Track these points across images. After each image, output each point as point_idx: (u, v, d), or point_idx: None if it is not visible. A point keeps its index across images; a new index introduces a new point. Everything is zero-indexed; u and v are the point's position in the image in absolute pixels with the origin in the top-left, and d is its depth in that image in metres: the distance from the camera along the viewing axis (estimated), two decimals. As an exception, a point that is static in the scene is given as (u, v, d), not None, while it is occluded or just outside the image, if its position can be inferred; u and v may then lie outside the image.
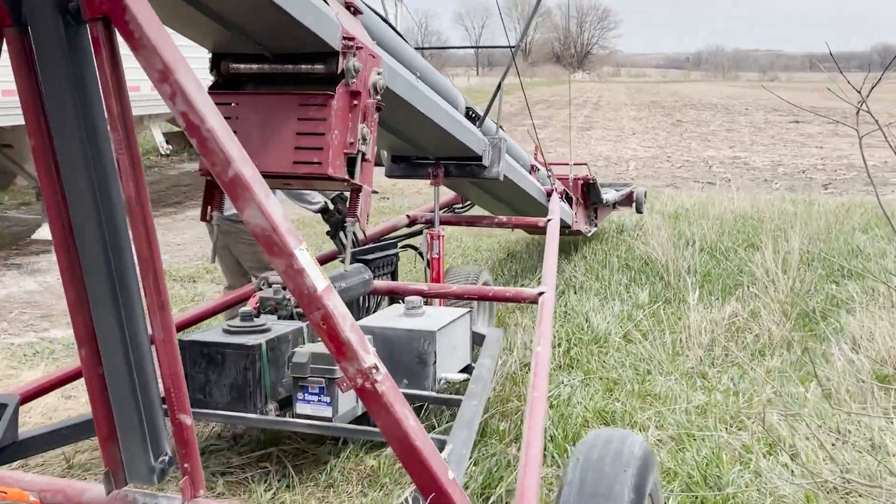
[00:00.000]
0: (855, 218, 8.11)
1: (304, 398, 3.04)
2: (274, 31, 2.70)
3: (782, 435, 3.35)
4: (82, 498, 2.35)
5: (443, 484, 2.00)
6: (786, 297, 5.33)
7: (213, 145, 1.96)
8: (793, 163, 14.98)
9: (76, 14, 1.96)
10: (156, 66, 1.93)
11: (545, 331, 3.29)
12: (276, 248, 2.00)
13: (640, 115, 28.08)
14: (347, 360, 2.03)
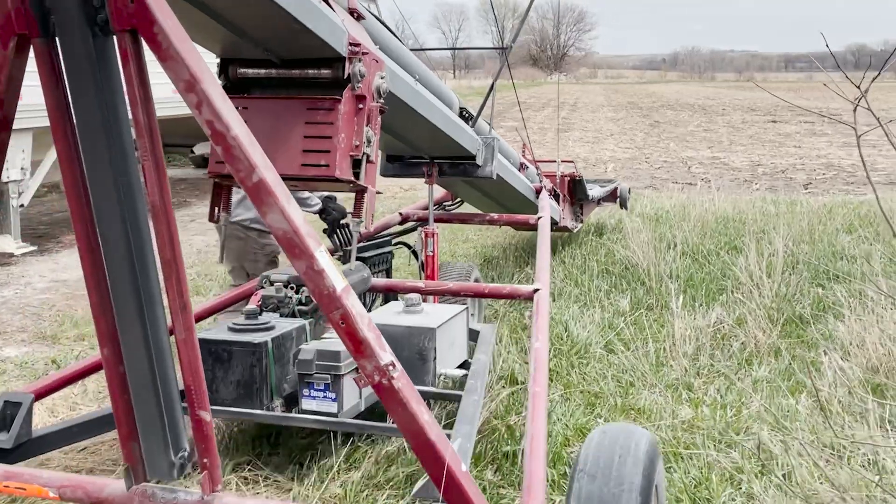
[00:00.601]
0: (838, 219, 7.98)
1: (310, 394, 3.10)
2: (285, 39, 2.79)
3: (774, 452, 3.15)
4: (102, 493, 2.39)
5: (456, 475, 2.09)
6: (771, 301, 5.16)
7: (237, 152, 2.05)
8: (772, 163, 14.91)
9: (104, 26, 2.02)
10: (183, 76, 2.01)
11: (542, 326, 3.37)
12: (297, 250, 2.08)
13: (618, 117, 28.02)
14: (365, 357, 2.10)
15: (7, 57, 2.09)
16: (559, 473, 3.15)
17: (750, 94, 44.62)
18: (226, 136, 2.05)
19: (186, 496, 2.27)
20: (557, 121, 18.18)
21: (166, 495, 2.29)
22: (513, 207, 5.76)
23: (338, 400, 3.08)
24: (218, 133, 2.05)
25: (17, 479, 2.48)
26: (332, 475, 3.16)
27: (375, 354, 2.10)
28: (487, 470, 3.20)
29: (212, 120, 2.04)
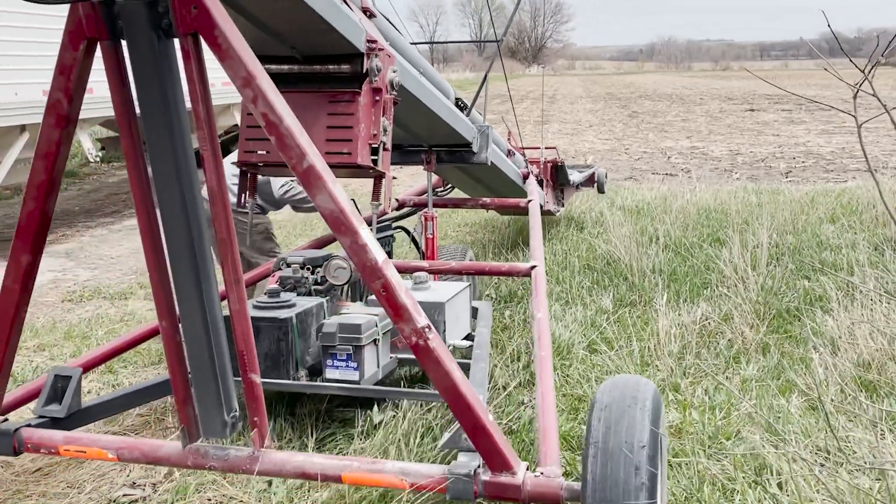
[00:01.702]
0: (820, 208, 7.87)
1: (333, 364, 3.39)
2: (311, 37, 3.00)
3: (768, 460, 3.00)
4: (158, 453, 2.64)
5: (486, 424, 2.34)
6: (757, 296, 5.02)
7: (289, 141, 2.28)
8: (751, 151, 14.82)
9: (167, 30, 2.25)
10: (240, 73, 2.26)
11: (541, 300, 3.68)
12: (342, 227, 2.32)
13: (596, 108, 27.92)
14: (404, 321, 2.34)
15: (77, 58, 2.33)
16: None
17: (727, 83, 44.73)
18: (279, 127, 2.28)
19: (237, 453, 2.54)
20: (542, 107, 18.04)
21: (218, 453, 2.55)
22: (502, 192, 6.14)
23: (359, 369, 3.37)
24: (272, 123, 2.28)
25: (77, 444, 2.72)
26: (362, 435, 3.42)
27: (413, 318, 2.33)
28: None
29: (266, 112, 2.27)
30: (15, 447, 2.73)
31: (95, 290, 6.22)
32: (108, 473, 3.27)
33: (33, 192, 2.50)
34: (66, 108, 2.40)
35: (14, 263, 2.55)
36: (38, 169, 2.47)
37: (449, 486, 2.37)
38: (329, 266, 3.75)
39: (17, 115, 7.32)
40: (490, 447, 2.36)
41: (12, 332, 2.64)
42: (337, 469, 2.52)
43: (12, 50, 7.35)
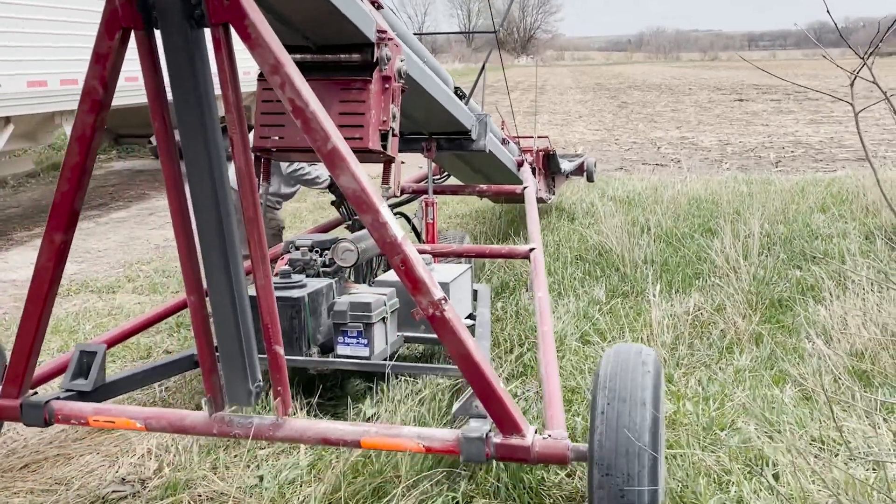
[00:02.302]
0: (811, 198, 7.87)
1: (345, 341, 3.59)
2: (326, 27, 3.15)
3: (763, 452, 2.98)
4: (184, 422, 2.78)
5: (497, 390, 2.50)
6: (749, 286, 5.00)
7: (315, 125, 2.43)
8: (740, 141, 14.83)
9: (199, 20, 2.39)
10: (269, 60, 2.40)
11: (541, 280, 3.87)
12: (364, 206, 2.48)
13: (586, 98, 27.89)
14: (421, 293, 2.49)
15: (112, 47, 2.44)
16: (537, 479, 2.96)
17: (715, 73, 44.76)
18: (304, 111, 2.42)
19: (261, 421, 2.67)
20: (535, 95, 18.05)
21: (242, 420, 2.69)
22: (498, 180, 6.26)
23: (369, 345, 3.56)
24: (298, 108, 2.42)
25: (106, 414, 2.86)
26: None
27: (430, 291, 2.48)
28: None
29: (293, 97, 2.42)
30: (46, 418, 2.86)
31: (83, 284, 6.15)
32: (96, 470, 3.23)
33: (67, 173, 2.62)
34: (100, 95, 2.51)
35: (48, 242, 2.68)
36: (72, 151, 2.59)
37: (462, 448, 2.51)
38: (337, 249, 3.85)
39: (2, 106, 7.22)
40: (501, 411, 2.51)
41: (45, 309, 2.77)
42: (356, 435, 2.63)
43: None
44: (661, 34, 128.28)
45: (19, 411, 2.88)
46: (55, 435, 3.53)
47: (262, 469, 3.11)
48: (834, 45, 3.02)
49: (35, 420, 2.87)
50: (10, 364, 2.87)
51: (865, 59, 1.88)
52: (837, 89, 25.53)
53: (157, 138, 2.52)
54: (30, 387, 2.94)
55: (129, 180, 11.60)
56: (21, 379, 2.89)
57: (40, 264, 2.73)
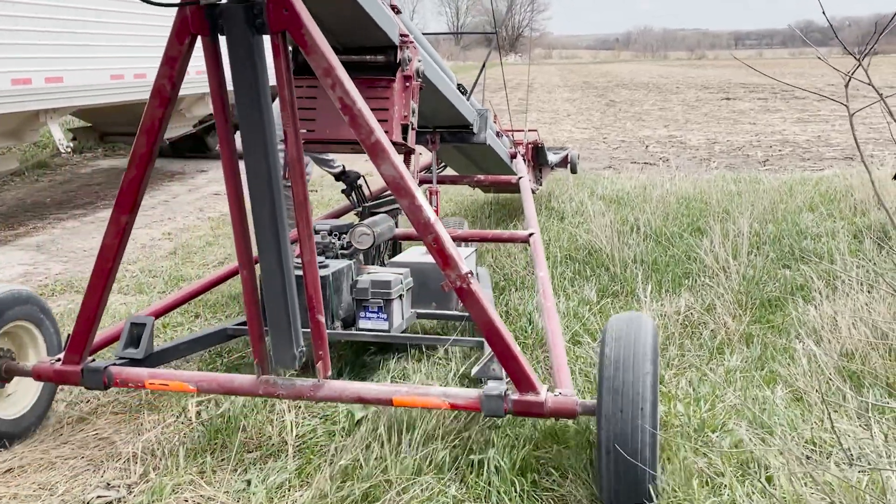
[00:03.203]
0: (799, 197, 7.88)
1: (366, 315, 3.92)
2: (355, 31, 3.48)
3: (755, 454, 2.96)
4: (233, 384, 3.09)
5: (515, 352, 2.82)
6: (739, 285, 4.99)
7: (361, 120, 2.74)
8: (728, 140, 14.86)
9: (261, 27, 2.70)
10: (322, 64, 2.71)
11: (541, 261, 4.26)
12: (402, 191, 2.79)
13: (574, 97, 27.90)
14: (451, 268, 2.82)
15: (182, 51, 2.76)
16: (528, 482, 2.93)
17: (702, 71, 44.89)
18: (352, 108, 2.73)
19: (303, 383, 2.98)
20: (527, 89, 18.03)
21: (286, 383, 3.00)
22: (492, 170, 6.66)
23: (388, 319, 3.89)
24: (347, 106, 2.74)
25: (161, 378, 3.14)
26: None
27: (458, 266, 2.80)
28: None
29: (342, 96, 2.73)
30: (105, 382, 3.16)
31: (68, 284, 6.07)
32: (81, 474, 3.18)
33: (135, 161, 2.94)
34: (168, 93, 2.83)
35: (114, 222, 3.02)
36: (140, 142, 2.91)
37: (483, 404, 2.80)
38: (354, 233, 4.16)
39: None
40: (519, 371, 2.82)
41: (107, 283, 3.10)
42: (388, 394, 2.92)
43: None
44: (648, 33, 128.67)
45: (80, 376, 3.18)
46: (38, 439, 3.47)
47: (250, 473, 3.08)
48: (819, 43, 3.03)
49: (95, 384, 3.17)
50: (73, 333, 3.18)
51: (860, 60, 1.86)
52: (824, 88, 25.65)
53: (217, 131, 2.85)
54: (88, 353, 3.23)
55: (115, 179, 11.48)
56: (83, 347, 3.19)
57: (106, 242, 3.05)
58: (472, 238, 4.96)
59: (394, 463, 2.96)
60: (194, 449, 3.28)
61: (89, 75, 8.27)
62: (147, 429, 3.51)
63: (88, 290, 3.11)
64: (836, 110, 19.68)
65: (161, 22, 9.55)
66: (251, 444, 3.33)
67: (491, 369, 3.03)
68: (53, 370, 3.25)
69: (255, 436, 3.39)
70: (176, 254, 6.93)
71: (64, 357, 3.24)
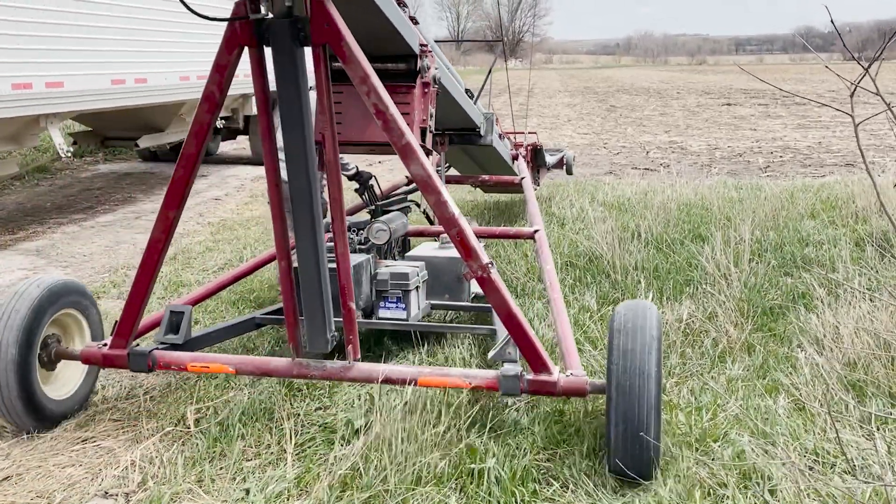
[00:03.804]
0: (801, 204, 7.86)
1: (385, 305, 4.20)
2: (382, 42, 3.75)
3: (757, 465, 2.94)
4: (269, 367, 3.36)
5: (531, 336, 3.12)
6: (741, 293, 4.97)
7: (393, 124, 3.01)
8: (729, 146, 14.85)
9: (303, 40, 2.96)
10: (359, 73, 2.98)
11: (547, 255, 4.57)
12: (429, 188, 3.06)
13: (574, 102, 27.89)
14: (473, 259, 3.08)
15: (230, 60, 3.05)
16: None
17: (703, 77, 44.90)
18: (385, 113, 3.00)
19: (334, 365, 3.26)
20: (527, 92, 18.06)
21: (318, 364, 3.28)
22: (494, 171, 6.99)
23: (406, 309, 4.17)
24: (380, 111, 3.00)
25: (202, 361, 3.41)
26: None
27: (480, 257, 3.06)
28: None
29: (376, 102, 2.99)
30: (149, 365, 3.43)
31: (67, 289, 6.05)
32: (79, 482, 3.15)
33: (184, 161, 3.20)
34: (217, 98, 3.11)
35: (162, 217, 3.28)
36: (189, 143, 3.20)
37: (501, 384, 3.10)
38: (371, 229, 4.43)
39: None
40: (534, 353, 3.10)
41: (154, 274, 3.38)
42: (414, 374, 3.21)
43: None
44: (648, 38, 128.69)
45: (127, 360, 3.45)
46: (37, 447, 3.45)
47: (249, 482, 3.05)
48: (820, 49, 3.03)
49: (140, 366, 3.44)
50: (120, 320, 3.46)
51: (867, 68, 1.84)
52: (825, 94, 25.66)
53: (261, 132, 3.12)
54: (133, 339, 3.50)
55: (115, 183, 11.48)
56: (129, 333, 3.46)
57: (154, 236, 3.31)
58: (480, 235, 5.06)
59: (393, 473, 2.93)
60: (193, 457, 3.26)
61: (90, 80, 8.25)
62: (146, 436, 3.49)
63: (136, 281, 3.37)
64: (837, 117, 19.67)
65: (162, 27, 9.55)
66: (250, 453, 3.31)
67: (507, 353, 3.23)
68: (101, 354, 3.51)
69: (253, 444, 3.37)
70: (176, 259, 6.91)
71: (111, 342, 3.51)
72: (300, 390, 3.86)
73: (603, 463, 3.06)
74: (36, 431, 3.50)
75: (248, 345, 4.52)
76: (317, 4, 2.92)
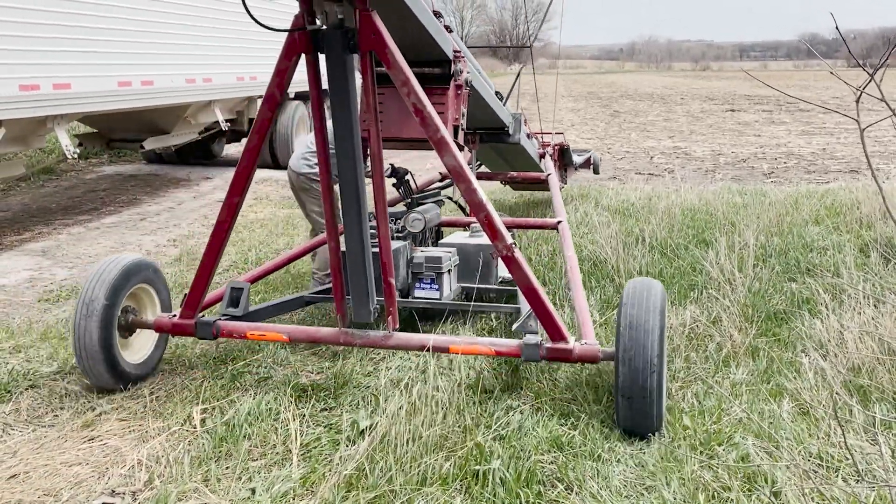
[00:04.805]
0: (805, 210, 7.86)
1: (420, 286, 4.64)
2: (419, 49, 4.13)
3: (762, 468, 2.95)
4: (319, 335, 3.82)
5: (550, 309, 3.51)
6: (745, 298, 4.98)
7: (430, 121, 3.41)
8: (733, 152, 14.85)
9: (353, 48, 3.37)
10: (400, 77, 3.39)
11: (569, 243, 4.94)
12: (460, 178, 3.47)
13: (578, 107, 27.91)
14: (499, 240, 3.50)
15: (289, 66, 3.49)
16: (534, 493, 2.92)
17: (707, 83, 44.91)
18: (423, 112, 3.40)
19: (375, 333, 3.71)
20: (554, 95, 18.14)
21: (361, 333, 3.73)
22: (522, 168, 7.39)
23: (439, 290, 4.61)
24: (418, 109, 3.41)
25: (259, 330, 3.85)
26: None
27: (505, 238, 3.47)
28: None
29: (415, 102, 3.40)
30: (214, 333, 3.88)
31: (73, 290, 6.08)
32: (85, 481, 3.17)
33: (247, 154, 3.64)
34: (277, 98, 3.54)
35: (227, 204, 3.72)
36: (252, 138, 3.62)
37: (523, 351, 3.51)
38: (408, 218, 4.87)
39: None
40: (552, 325, 3.49)
41: (219, 253, 3.81)
42: (446, 343, 3.63)
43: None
44: (652, 43, 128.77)
45: (194, 328, 3.91)
46: (44, 445, 3.47)
47: (255, 481, 3.07)
48: (824, 55, 3.07)
49: (206, 334, 3.89)
50: (188, 294, 3.93)
51: (872, 75, 1.86)
52: (829, 100, 25.64)
53: (314, 130, 3.59)
54: (199, 311, 3.95)
55: (120, 185, 11.50)
56: (196, 305, 3.91)
57: (220, 219, 3.76)
58: (510, 225, 5.44)
59: (399, 473, 2.95)
60: (199, 456, 3.28)
61: (97, 82, 8.28)
62: (152, 436, 3.50)
63: (204, 259, 3.82)
64: (842, 123, 19.66)
65: (168, 30, 9.59)
66: (256, 453, 3.32)
67: (529, 325, 3.62)
68: (172, 323, 3.97)
69: (259, 444, 3.38)
70: (181, 260, 6.93)
71: (180, 313, 3.97)
72: (305, 391, 3.88)
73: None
74: (119, 388, 3.97)
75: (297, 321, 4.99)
76: (364, 17, 3.29)
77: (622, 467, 3.12)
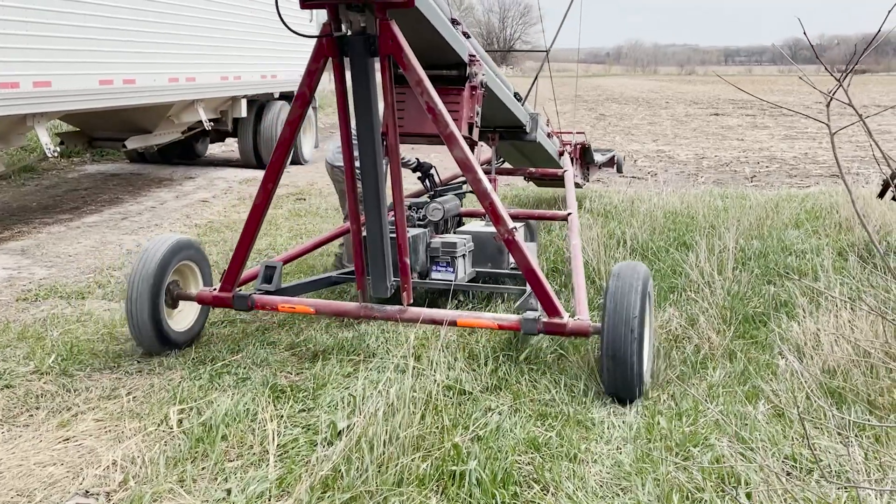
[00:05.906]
0: (785, 213, 7.92)
1: (437, 269, 5.06)
2: (436, 53, 4.47)
3: (735, 469, 2.96)
4: (342, 308, 4.26)
5: (547, 289, 3.90)
6: (723, 300, 5.01)
7: (441, 117, 3.81)
8: (716, 155, 14.95)
9: (374, 52, 3.75)
10: (415, 78, 3.78)
11: (576, 232, 5.37)
12: (467, 168, 3.85)
13: (564, 110, 27.90)
14: (501, 224, 3.89)
15: (318, 68, 3.90)
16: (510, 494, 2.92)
17: (692, 87, 45.14)
18: (435, 109, 3.81)
19: (392, 308, 4.13)
20: (575, 92, 18.14)
21: (380, 307, 4.15)
22: (542, 165, 7.80)
23: (454, 272, 5.02)
24: (431, 107, 3.81)
25: (290, 303, 4.29)
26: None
27: (507, 222, 3.87)
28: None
29: (428, 101, 3.80)
30: (249, 305, 4.34)
31: (51, 289, 6.03)
32: (59, 481, 3.15)
33: (280, 147, 4.08)
34: (308, 97, 3.95)
35: (262, 189, 4.17)
36: (285, 133, 4.06)
37: (523, 325, 3.89)
38: (428, 208, 5.33)
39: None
40: (549, 302, 3.87)
41: (255, 233, 4.25)
42: (454, 317, 4.02)
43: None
44: (638, 47, 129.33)
45: (232, 301, 4.36)
46: (18, 445, 3.44)
47: (230, 482, 3.06)
48: (809, 61, 3.13)
49: (242, 306, 4.35)
50: (226, 271, 4.38)
51: (841, 81, 1.87)
52: (812, 105, 25.84)
53: (340, 126, 4.01)
54: (236, 286, 4.40)
55: (102, 184, 11.43)
56: (233, 280, 4.37)
57: (256, 203, 4.19)
58: (520, 216, 5.91)
59: (375, 474, 2.94)
60: (175, 457, 3.26)
61: (78, 80, 8.22)
62: (128, 436, 3.48)
63: (241, 239, 4.25)
64: (823, 128, 19.80)
65: (150, 28, 9.54)
66: (232, 454, 3.31)
67: (529, 303, 4.13)
68: (212, 296, 4.43)
69: (236, 445, 3.37)
70: (162, 260, 6.88)
71: (219, 287, 4.42)
72: (283, 392, 3.87)
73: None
74: (164, 352, 4.42)
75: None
76: (384, 25, 3.67)
77: (598, 468, 3.14)
